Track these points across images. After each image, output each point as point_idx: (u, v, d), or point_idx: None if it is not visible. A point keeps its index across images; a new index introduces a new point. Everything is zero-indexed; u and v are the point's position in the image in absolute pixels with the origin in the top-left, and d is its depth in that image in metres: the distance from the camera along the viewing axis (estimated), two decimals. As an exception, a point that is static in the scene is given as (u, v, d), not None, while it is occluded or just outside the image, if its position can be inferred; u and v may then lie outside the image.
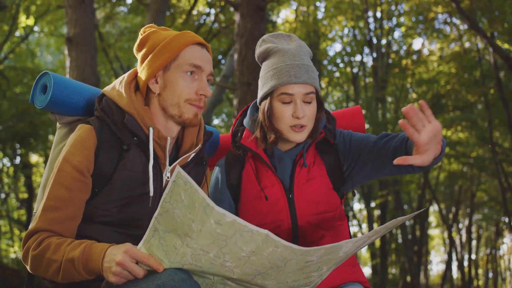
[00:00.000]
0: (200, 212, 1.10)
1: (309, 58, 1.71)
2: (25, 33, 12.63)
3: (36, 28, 13.10)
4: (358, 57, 14.65)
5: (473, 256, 21.26)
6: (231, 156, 1.79)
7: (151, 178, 1.46)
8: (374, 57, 13.29)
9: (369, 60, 14.47)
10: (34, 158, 15.71)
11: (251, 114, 1.79)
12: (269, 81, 1.66)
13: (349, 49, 14.43)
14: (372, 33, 13.33)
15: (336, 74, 15.45)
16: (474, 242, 22.40)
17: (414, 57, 13.59)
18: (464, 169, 15.26)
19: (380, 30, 13.36)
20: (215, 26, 11.19)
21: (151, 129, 1.48)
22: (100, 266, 1.24)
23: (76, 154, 1.43)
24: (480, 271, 23.76)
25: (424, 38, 13.96)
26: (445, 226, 17.89)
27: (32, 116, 11.05)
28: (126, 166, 1.47)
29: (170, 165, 1.53)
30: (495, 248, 21.51)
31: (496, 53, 9.18)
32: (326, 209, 1.70)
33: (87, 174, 1.44)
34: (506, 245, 23.36)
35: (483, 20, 10.05)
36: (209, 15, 11.96)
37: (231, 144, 1.78)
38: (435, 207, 19.49)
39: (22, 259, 1.39)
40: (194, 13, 11.93)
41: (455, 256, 18.25)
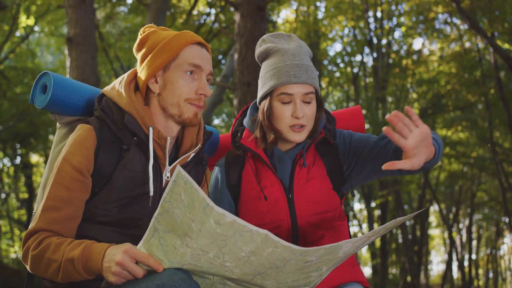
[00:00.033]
0: (200, 212, 1.10)
1: (309, 58, 1.70)
2: (26, 33, 12.63)
3: (37, 28, 13.10)
4: (359, 57, 14.67)
5: (474, 256, 21.28)
6: (231, 156, 1.79)
7: (151, 178, 1.46)
8: (375, 57, 13.28)
9: (370, 60, 14.48)
10: (35, 158, 15.71)
11: (251, 114, 1.79)
12: (269, 81, 1.66)
13: (350, 49, 14.42)
14: (373, 33, 13.32)
15: (337, 74, 15.45)
16: (475, 242, 22.40)
17: (415, 57, 13.59)
18: (465, 169, 15.27)
19: (381, 30, 13.35)
20: (216, 26, 11.19)
21: (151, 129, 1.48)
22: (100, 266, 1.24)
23: (76, 154, 1.43)
24: (481, 271, 23.75)
25: (425, 38, 13.97)
26: (446, 226, 17.89)
27: (33, 116, 11.05)
28: (126, 166, 1.47)
29: (170, 165, 1.53)
30: (496, 248, 21.51)
31: (497, 53, 9.18)
32: (326, 209, 1.69)
33: (87, 174, 1.44)
34: (507, 245, 23.38)
35: (484, 20, 10.05)
36: (210, 15, 11.96)
37: (231, 144, 1.78)
38: (436, 207, 19.50)
39: (22, 259, 1.39)
40: (195, 13, 11.93)
41: (456, 256, 18.26)
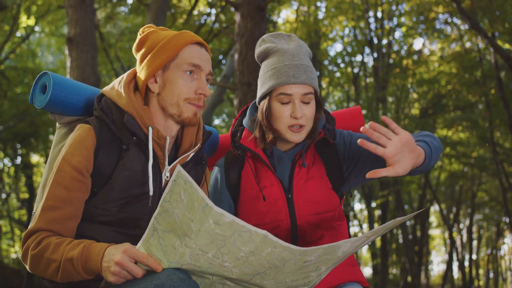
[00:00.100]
0: (199, 212, 1.10)
1: (309, 58, 1.70)
2: (26, 33, 12.63)
3: (37, 28, 13.11)
4: (359, 57, 14.67)
5: (474, 256, 21.27)
6: (231, 156, 1.78)
7: (151, 178, 1.46)
8: (375, 57, 13.27)
9: (370, 60, 14.48)
10: (35, 158, 15.71)
11: (251, 114, 1.79)
12: (268, 81, 1.66)
13: (350, 49, 14.42)
14: (373, 33, 13.31)
15: (337, 74, 15.45)
16: (475, 242, 22.40)
17: (415, 57, 13.59)
18: (465, 169, 15.26)
19: (381, 30, 13.34)
20: (216, 26, 11.19)
21: (150, 129, 1.48)
22: (99, 266, 1.24)
23: (76, 154, 1.43)
24: (481, 271, 23.74)
25: (425, 38, 13.96)
26: (446, 226, 17.89)
27: (33, 116, 11.06)
28: (126, 166, 1.47)
29: (169, 165, 1.54)
30: (496, 248, 21.50)
31: (497, 53, 9.18)
32: (326, 209, 1.69)
33: (86, 174, 1.44)
34: (507, 245, 23.37)
35: (484, 20, 10.04)
36: (210, 15, 11.96)
37: (231, 144, 1.78)
38: (436, 207, 19.50)
39: (22, 259, 1.39)
40: (195, 13, 11.93)
41: (456, 256, 18.25)
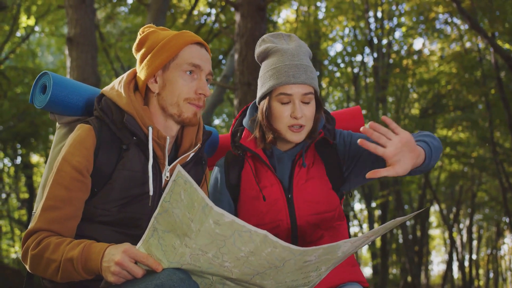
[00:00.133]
0: (199, 212, 1.10)
1: (309, 58, 1.70)
2: (26, 33, 12.63)
3: (37, 28, 13.11)
4: (359, 57, 14.66)
5: (474, 256, 21.27)
6: (231, 156, 1.78)
7: (151, 178, 1.46)
8: (375, 57, 13.27)
9: (370, 60, 14.48)
10: (35, 158, 15.71)
11: (251, 114, 1.79)
12: (268, 81, 1.66)
13: (350, 49, 14.42)
14: (373, 33, 13.31)
15: (337, 74, 15.45)
16: (475, 242, 22.40)
17: (415, 57, 13.59)
18: (465, 169, 15.26)
19: (381, 30, 13.34)
20: (216, 26, 11.19)
21: (150, 129, 1.48)
22: (99, 266, 1.24)
23: (76, 154, 1.43)
24: (481, 271, 23.74)
25: (425, 38, 13.96)
26: (446, 226, 17.89)
27: (33, 116, 11.06)
28: (126, 166, 1.47)
29: (169, 165, 1.54)
30: (496, 248, 21.50)
31: (497, 53, 9.18)
32: (326, 209, 1.69)
33: (86, 174, 1.44)
34: (507, 245, 23.38)
35: (484, 20, 10.04)
36: (210, 15, 11.96)
37: (231, 144, 1.78)
38: (436, 207, 19.51)
39: (21, 259, 1.39)
40: (195, 13, 11.93)
41: (456, 256, 18.25)
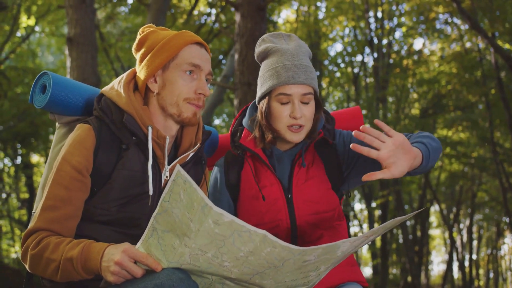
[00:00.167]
0: (199, 212, 1.10)
1: (308, 59, 1.70)
2: (26, 33, 12.64)
3: (37, 28, 13.11)
4: (359, 57, 14.67)
5: (474, 256, 21.27)
6: (230, 156, 1.79)
7: (151, 177, 1.46)
8: (375, 57, 13.27)
9: (370, 60, 14.48)
10: (35, 158, 15.71)
11: (250, 114, 1.79)
12: (267, 81, 1.66)
13: (350, 49, 14.43)
14: (373, 33, 13.32)
15: (337, 74, 15.46)
16: (475, 242, 22.40)
17: (415, 57, 13.59)
18: (465, 169, 15.26)
19: (381, 30, 13.35)
20: (216, 26, 11.19)
21: (150, 129, 1.48)
22: (99, 266, 1.24)
23: (75, 154, 1.43)
24: (481, 271, 23.74)
25: (425, 38, 13.96)
26: (446, 226, 17.89)
27: (33, 116, 11.06)
28: (125, 166, 1.47)
29: (169, 165, 1.54)
30: (496, 248, 21.51)
31: (497, 53, 9.18)
32: (325, 209, 1.69)
33: (86, 174, 1.43)
34: (507, 245, 23.38)
35: (484, 20, 10.05)
36: (210, 15, 11.97)
37: (230, 144, 1.78)
38: (436, 207, 19.51)
39: (21, 258, 1.39)
40: (195, 13, 11.93)
41: (456, 256, 18.25)
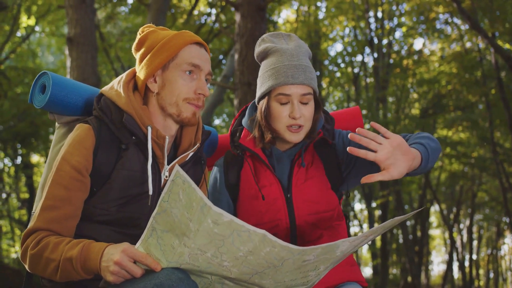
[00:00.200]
0: (198, 212, 1.10)
1: (308, 59, 1.70)
2: (26, 33, 12.64)
3: (37, 28, 13.12)
4: (359, 57, 14.67)
5: (474, 257, 21.27)
6: (230, 156, 1.79)
7: (150, 177, 1.46)
8: (375, 57, 13.27)
9: (370, 60, 14.49)
10: (35, 158, 15.71)
11: (250, 114, 1.79)
12: (267, 81, 1.66)
13: (350, 49, 14.43)
14: (373, 33, 13.32)
15: (337, 74, 15.45)
16: (475, 243, 22.40)
17: (415, 57, 13.59)
18: (465, 169, 15.26)
19: (381, 30, 13.35)
20: (216, 26, 11.20)
21: (150, 128, 1.48)
22: (98, 266, 1.24)
23: (75, 154, 1.43)
24: (481, 272, 23.75)
25: (425, 38, 13.97)
26: (446, 227, 17.89)
27: (33, 116, 11.06)
28: (125, 166, 1.47)
29: (168, 164, 1.54)
30: (496, 249, 21.51)
31: (497, 53, 9.18)
32: (324, 209, 1.69)
33: (86, 174, 1.44)
34: (507, 246, 23.38)
35: (484, 20, 10.05)
36: (210, 15, 11.97)
37: (230, 144, 1.78)
38: (436, 207, 19.51)
39: (21, 258, 1.39)
40: (195, 13, 11.93)
41: (456, 257, 18.26)
